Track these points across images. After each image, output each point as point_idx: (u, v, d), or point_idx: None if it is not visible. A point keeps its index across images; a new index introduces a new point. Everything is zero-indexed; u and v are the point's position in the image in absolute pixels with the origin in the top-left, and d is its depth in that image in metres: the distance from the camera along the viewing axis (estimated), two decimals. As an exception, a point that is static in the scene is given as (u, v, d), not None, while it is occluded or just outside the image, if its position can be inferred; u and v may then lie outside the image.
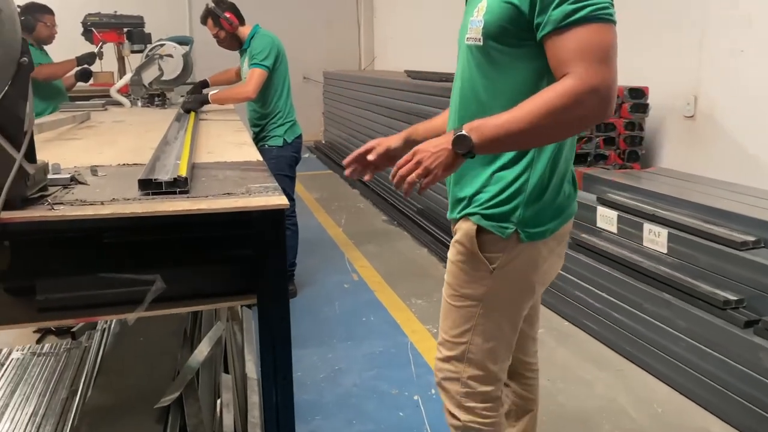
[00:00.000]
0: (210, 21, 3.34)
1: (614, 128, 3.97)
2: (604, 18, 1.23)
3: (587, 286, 3.23)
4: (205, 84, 3.93)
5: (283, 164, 3.44)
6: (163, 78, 4.20)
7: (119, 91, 4.31)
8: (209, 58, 5.14)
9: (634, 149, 3.98)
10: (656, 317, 2.79)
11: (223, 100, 3.51)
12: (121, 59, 4.53)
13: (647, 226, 2.96)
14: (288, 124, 3.44)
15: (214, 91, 3.48)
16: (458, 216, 1.50)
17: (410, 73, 6.06)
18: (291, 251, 3.61)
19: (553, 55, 1.27)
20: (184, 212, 1.41)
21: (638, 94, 3.85)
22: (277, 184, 1.71)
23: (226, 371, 2.34)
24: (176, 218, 1.42)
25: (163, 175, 1.57)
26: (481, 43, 1.36)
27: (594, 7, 1.23)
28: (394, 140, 1.64)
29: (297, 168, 3.64)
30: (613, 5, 1.27)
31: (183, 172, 1.59)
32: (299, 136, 3.54)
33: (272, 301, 1.59)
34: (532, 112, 1.24)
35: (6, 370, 2.28)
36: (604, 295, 3.11)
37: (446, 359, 1.56)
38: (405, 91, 5.69)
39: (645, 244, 2.98)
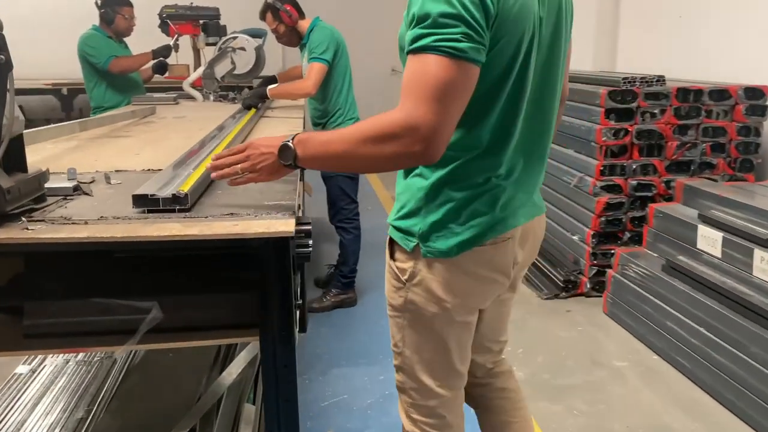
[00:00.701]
0: (269, 15, 3.16)
1: (725, 133, 3.46)
2: (447, 51, 1.09)
3: (682, 317, 2.79)
4: (272, 80, 3.77)
5: (343, 165, 3.22)
6: (236, 72, 4.10)
7: (193, 84, 4.26)
8: (286, 52, 5.02)
9: (748, 158, 3.45)
10: (765, 363, 2.34)
11: (282, 95, 3.34)
12: (196, 52, 4.48)
13: (759, 253, 2.49)
14: (349, 122, 3.21)
15: (274, 86, 3.32)
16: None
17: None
18: (352, 256, 3.40)
19: None
20: (169, 238, 1.20)
21: (756, 94, 3.32)
22: (296, 201, 1.47)
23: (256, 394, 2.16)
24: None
25: (164, 190, 1.37)
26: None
27: (437, 37, 1.09)
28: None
29: None
30: (471, 39, 1.10)
31: (186, 187, 1.38)
32: (362, 134, 3.30)
33: (275, 342, 1.35)
34: (353, 135, 1.18)
35: (37, 377, 2.20)
36: (701, 329, 2.67)
37: (395, 368, 1.53)
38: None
39: (755, 273, 2.51)
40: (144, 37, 4.49)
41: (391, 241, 1.42)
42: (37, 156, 2.09)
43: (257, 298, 1.35)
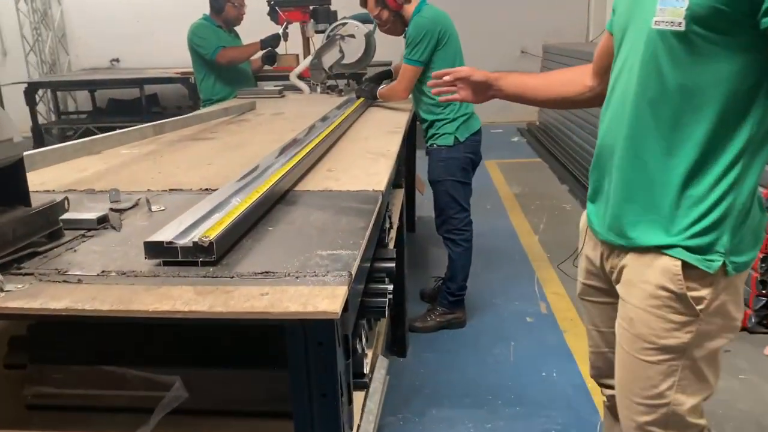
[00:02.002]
0: (371, 0, 2.79)
1: None
2: None
3: None
4: (387, 75, 3.41)
5: (453, 168, 2.79)
6: (344, 61, 3.78)
7: (301, 75, 4.01)
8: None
9: None
10: None
11: (385, 98, 3.06)
12: (305, 40, 4.22)
13: None
14: (461, 119, 2.77)
15: (382, 87, 3.03)
16: (636, 245, 1.22)
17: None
18: (461, 272, 2.98)
19: None
20: (165, 315, 0.87)
21: None
22: (360, 252, 1.09)
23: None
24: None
25: (186, 235, 1.05)
26: (683, 29, 1.07)
27: None
28: (478, 73, 1.62)
29: (499, 153, 2.98)
30: None
31: (214, 232, 1.05)
32: (476, 133, 2.85)
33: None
34: None
35: None
36: None
37: (640, 427, 1.29)
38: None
39: None
40: (254, 26, 4.31)
41: (681, 265, 1.18)
42: (102, 165, 1.89)
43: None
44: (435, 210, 2.96)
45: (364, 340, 1.26)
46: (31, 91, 7.85)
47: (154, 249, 1.03)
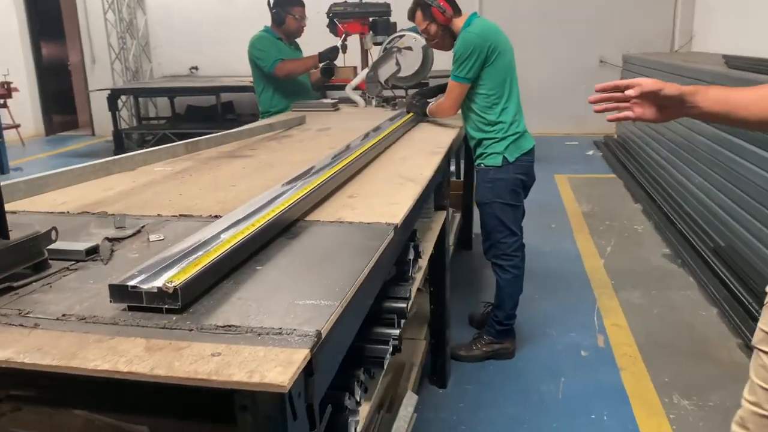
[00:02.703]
0: (419, 13, 2.67)
1: None
2: None
3: None
4: (442, 89, 3.29)
5: (502, 190, 2.63)
6: (400, 74, 3.69)
7: (358, 88, 3.94)
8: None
9: None
10: None
11: (433, 115, 2.95)
12: (364, 53, 4.15)
13: None
14: (511, 137, 2.60)
15: (432, 102, 2.93)
16: None
17: (728, 60, 4.57)
18: (510, 300, 2.80)
19: None
20: (104, 375, 0.80)
21: None
22: (335, 307, 0.98)
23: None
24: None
25: (155, 278, 0.97)
26: None
27: None
28: (670, 87, 1.33)
29: (571, 167, 2.81)
30: None
31: (183, 276, 0.97)
32: (528, 153, 2.66)
33: None
34: None
35: None
36: None
37: None
38: (720, 84, 4.26)
39: None
40: (314, 38, 4.29)
41: None
42: (130, 184, 1.87)
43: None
44: (482, 233, 2.80)
45: (358, 394, 1.14)
46: (113, 97, 8.22)
47: (118, 292, 0.96)
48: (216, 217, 1.49)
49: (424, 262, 1.99)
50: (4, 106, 8.70)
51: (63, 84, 10.45)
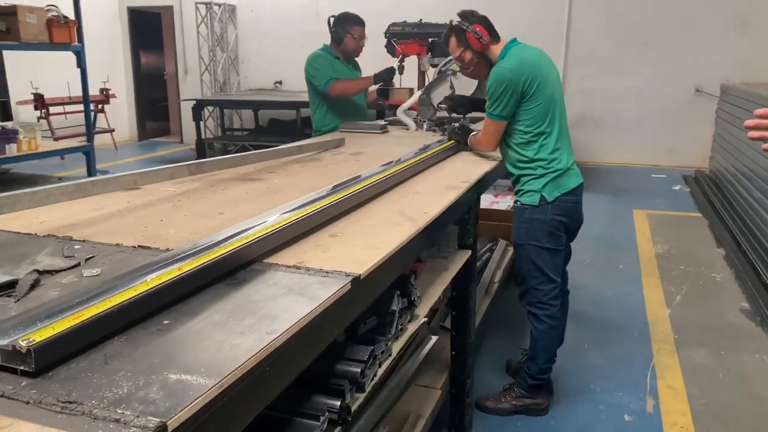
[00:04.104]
0: (453, 40, 2.46)
1: None
2: None
3: None
4: (478, 103, 3.10)
5: (538, 232, 2.37)
6: (454, 96, 3.51)
7: (411, 110, 3.79)
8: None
9: None
10: None
11: (474, 146, 2.73)
12: (421, 74, 4.00)
13: None
14: (551, 174, 2.34)
15: (474, 133, 2.73)
16: None
17: (836, 95, 4.05)
18: (543, 354, 2.53)
19: None
20: None
21: None
22: (208, 385, 0.83)
23: None
24: None
25: (18, 331, 0.86)
26: None
27: None
28: None
29: (652, 202, 2.54)
30: None
31: (44, 334, 0.85)
32: (571, 192, 2.39)
33: None
34: None
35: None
36: None
37: None
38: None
39: None
40: (374, 58, 4.18)
41: None
42: (123, 204, 1.80)
43: None
44: (518, 277, 2.56)
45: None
46: (198, 107, 8.51)
47: (-22, 345, 0.85)
48: (168, 250, 1.38)
49: (424, 310, 1.80)
50: (102, 111, 9.23)
51: (158, 92, 11.00)
